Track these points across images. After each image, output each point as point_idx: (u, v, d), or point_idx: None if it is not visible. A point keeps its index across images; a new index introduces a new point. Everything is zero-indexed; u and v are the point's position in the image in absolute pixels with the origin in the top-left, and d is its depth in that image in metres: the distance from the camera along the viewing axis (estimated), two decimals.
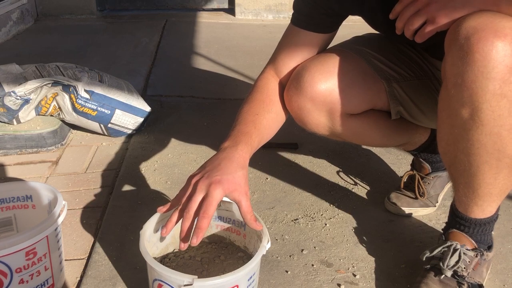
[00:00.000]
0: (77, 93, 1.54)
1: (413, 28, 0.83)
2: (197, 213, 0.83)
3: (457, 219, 0.95)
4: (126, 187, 1.36)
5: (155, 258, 0.99)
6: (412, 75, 1.09)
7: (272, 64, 1.09)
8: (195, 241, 0.81)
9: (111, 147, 1.60)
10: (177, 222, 0.87)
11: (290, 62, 1.06)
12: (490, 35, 0.73)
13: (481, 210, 0.92)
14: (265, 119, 1.00)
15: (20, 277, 0.88)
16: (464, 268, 0.93)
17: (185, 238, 0.85)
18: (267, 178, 1.43)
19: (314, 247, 1.13)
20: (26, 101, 1.50)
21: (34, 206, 1.04)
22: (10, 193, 1.02)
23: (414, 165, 1.28)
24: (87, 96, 1.55)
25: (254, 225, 0.86)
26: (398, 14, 0.85)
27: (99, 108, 1.56)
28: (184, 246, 0.86)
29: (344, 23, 1.07)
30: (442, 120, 0.87)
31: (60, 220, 0.92)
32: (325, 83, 1.01)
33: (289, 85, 1.04)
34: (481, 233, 0.95)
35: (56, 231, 0.93)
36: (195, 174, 0.87)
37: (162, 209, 0.90)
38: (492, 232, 0.97)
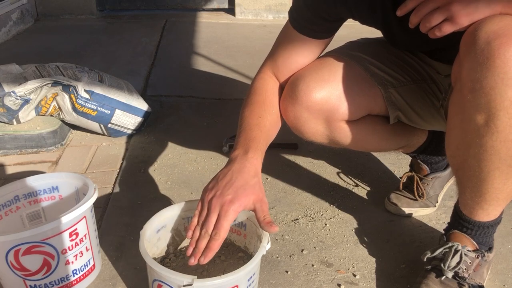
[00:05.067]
0: (77, 93, 1.53)
1: (430, 26, 0.79)
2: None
3: (461, 221, 0.95)
4: (126, 187, 1.36)
5: (155, 258, 0.99)
6: (408, 79, 1.08)
7: (271, 63, 1.07)
8: (203, 259, 0.84)
9: (111, 147, 1.60)
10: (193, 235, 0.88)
11: (290, 64, 1.05)
12: None
13: (486, 214, 0.92)
14: (268, 121, 1.00)
15: (65, 258, 0.92)
16: (465, 269, 0.93)
17: (197, 254, 0.86)
18: (267, 178, 1.43)
19: (314, 247, 1.13)
20: (26, 101, 1.50)
21: (61, 197, 1.07)
22: (36, 186, 1.05)
23: (413, 166, 1.28)
24: (87, 96, 1.54)
25: (268, 228, 0.86)
26: (407, 11, 0.82)
27: (99, 108, 1.56)
28: (194, 262, 0.85)
29: (344, 23, 1.06)
30: (454, 125, 0.86)
31: (93, 199, 0.94)
32: (321, 92, 1.00)
33: (285, 94, 1.03)
34: (484, 235, 0.95)
35: (92, 213, 0.97)
36: (209, 188, 0.89)
37: (189, 234, 0.89)
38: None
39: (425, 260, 0.96)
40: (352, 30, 1.26)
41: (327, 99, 1.00)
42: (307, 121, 1.03)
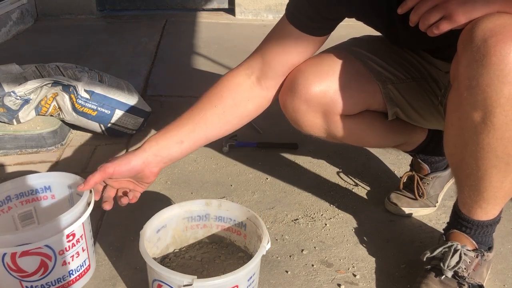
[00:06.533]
0: (77, 93, 1.53)
1: (429, 24, 0.80)
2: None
3: (459, 220, 0.95)
4: None
5: (155, 258, 0.99)
6: (408, 76, 1.08)
7: (256, 60, 1.03)
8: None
9: (111, 147, 1.60)
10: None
11: (283, 59, 1.02)
12: (508, 38, 0.71)
13: (485, 213, 0.92)
14: (208, 114, 1.06)
15: (62, 259, 0.92)
16: (465, 268, 0.93)
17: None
18: (267, 178, 1.43)
19: (314, 247, 1.13)
20: (26, 101, 1.50)
21: (54, 196, 1.06)
22: (28, 186, 1.04)
23: (413, 166, 1.28)
24: (87, 96, 1.55)
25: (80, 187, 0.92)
26: (408, 9, 0.83)
27: (99, 108, 1.56)
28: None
29: (343, 23, 1.06)
30: (451, 122, 0.86)
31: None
32: (320, 85, 1.00)
33: (284, 88, 1.04)
34: (483, 234, 0.95)
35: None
36: None
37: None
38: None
39: (424, 259, 0.96)
40: (352, 30, 1.26)
41: (326, 92, 1.01)
42: (305, 114, 1.04)
